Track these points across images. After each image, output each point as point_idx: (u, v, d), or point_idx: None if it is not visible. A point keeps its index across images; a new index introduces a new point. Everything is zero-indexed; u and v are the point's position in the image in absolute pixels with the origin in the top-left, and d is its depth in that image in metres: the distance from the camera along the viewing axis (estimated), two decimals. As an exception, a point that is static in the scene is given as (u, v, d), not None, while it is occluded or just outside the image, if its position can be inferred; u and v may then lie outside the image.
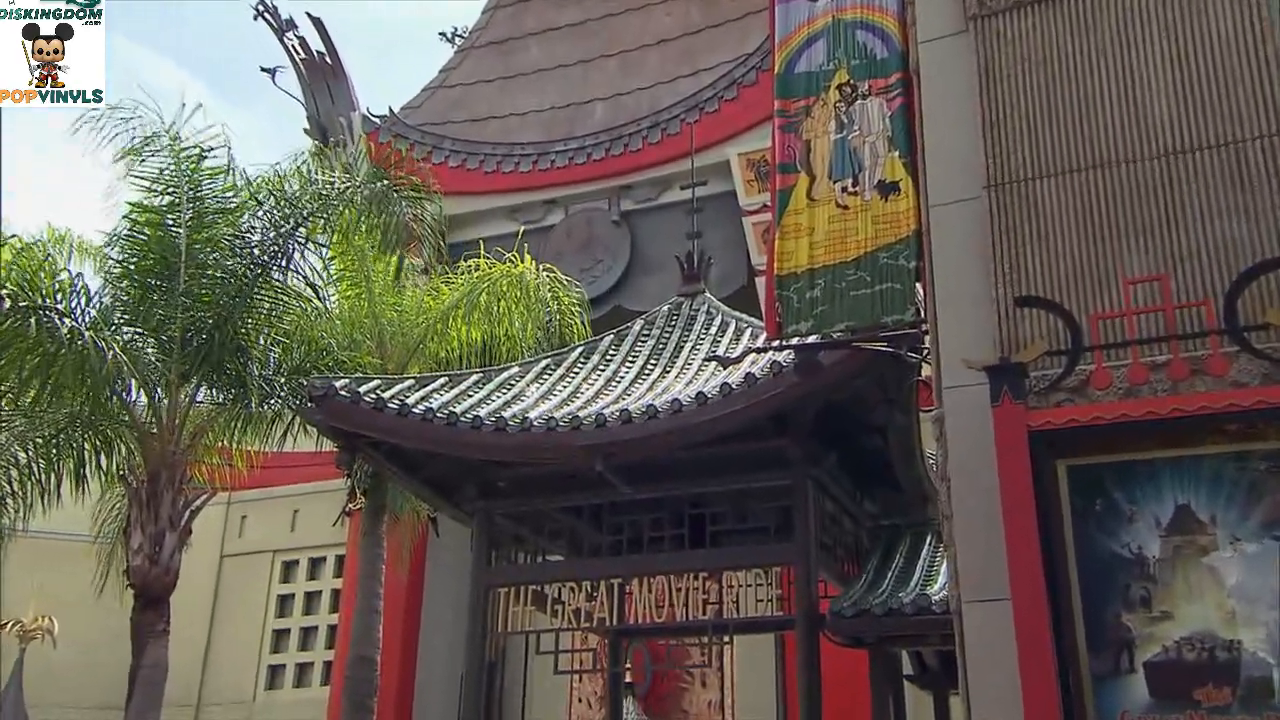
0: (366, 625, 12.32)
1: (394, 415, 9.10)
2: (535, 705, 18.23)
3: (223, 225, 11.81)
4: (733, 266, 16.91)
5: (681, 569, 9.22)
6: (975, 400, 4.26)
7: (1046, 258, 4.47)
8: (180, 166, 11.58)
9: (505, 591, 9.54)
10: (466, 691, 9.80)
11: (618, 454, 8.71)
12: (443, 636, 17.88)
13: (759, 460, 9.11)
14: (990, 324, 4.50)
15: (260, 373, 12.01)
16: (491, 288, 12.85)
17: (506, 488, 10.02)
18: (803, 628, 8.70)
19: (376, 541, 12.75)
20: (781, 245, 5.73)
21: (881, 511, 10.58)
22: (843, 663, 10.16)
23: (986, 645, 4.13)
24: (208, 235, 11.61)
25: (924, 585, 8.77)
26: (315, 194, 11.82)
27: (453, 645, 17.07)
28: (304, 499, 20.44)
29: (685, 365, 10.10)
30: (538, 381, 10.22)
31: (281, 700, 19.63)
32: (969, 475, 4.36)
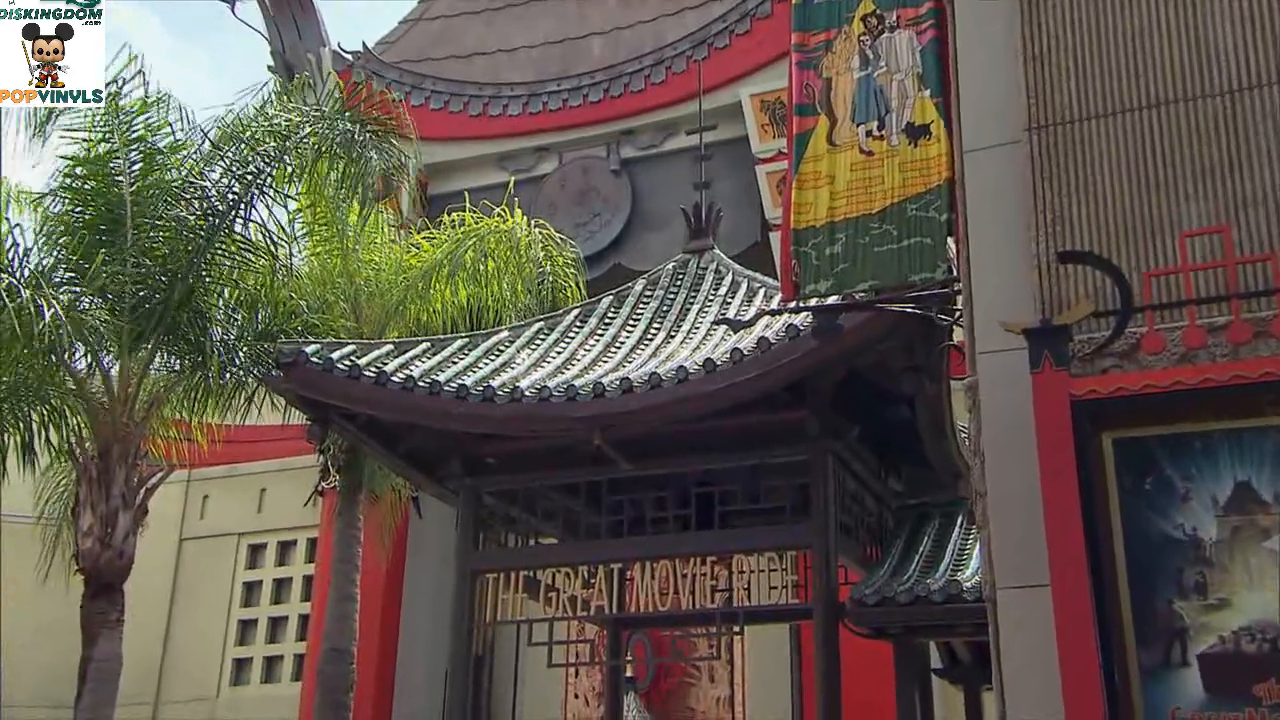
0: (341, 615, 12.40)
1: (370, 384, 9.11)
2: (527, 702, 18.38)
3: (174, 171, 11.75)
4: (744, 220, 16.85)
5: (687, 553, 9.26)
6: (1013, 367, 4.24)
7: (1093, 208, 4.44)
8: (115, 109, 11.43)
9: (494, 577, 9.59)
10: (451, 687, 9.87)
11: (617, 426, 8.73)
12: (426, 627, 18.00)
13: (773, 434, 9.12)
14: (1030, 282, 4.48)
15: (221, 337, 12.01)
16: (479, 245, 12.81)
17: (495, 464, 10.05)
18: (821, 617, 8.75)
19: (352, 523, 12.80)
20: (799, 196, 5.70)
21: (908, 490, 10.61)
22: (864, 655, 10.23)
23: (1023, 636, 4.15)
24: (157, 182, 11.53)
25: (954, 570, 8.81)
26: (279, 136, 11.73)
27: (436, 637, 17.18)
28: (272, 477, 20.51)
29: (692, 329, 10.09)
30: (529, 347, 10.22)
31: (248, 697, 19.79)
32: (1005, 450, 4.35)
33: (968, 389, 4.65)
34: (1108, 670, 3.69)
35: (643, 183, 18.05)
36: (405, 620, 18.33)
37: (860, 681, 10.94)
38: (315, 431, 9.78)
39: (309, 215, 13.39)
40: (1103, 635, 3.72)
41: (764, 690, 16.74)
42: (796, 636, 15.72)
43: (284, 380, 9.52)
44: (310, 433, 9.86)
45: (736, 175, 16.84)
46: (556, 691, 18.16)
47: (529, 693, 18.36)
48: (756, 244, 16.56)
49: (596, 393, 8.61)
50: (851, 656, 9.12)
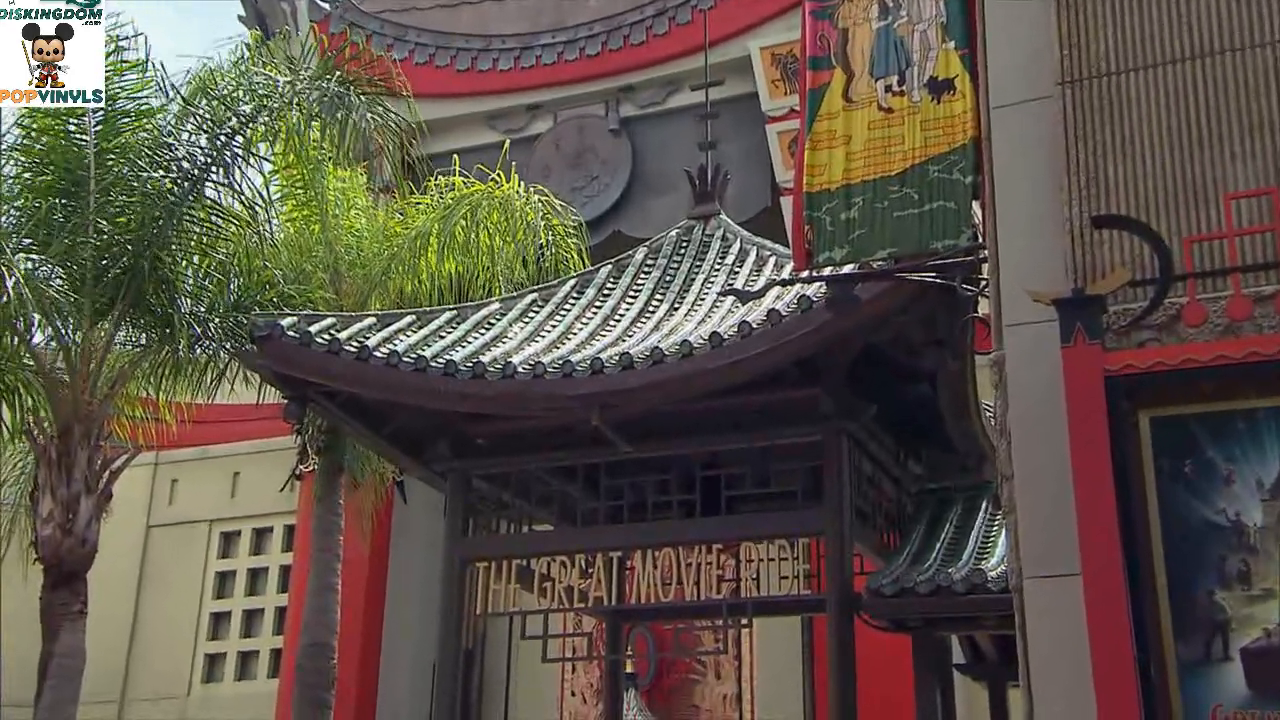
0: (321, 607, 12.44)
1: (352, 359, 9.11)
2: (520, 699, 18.48)
3: (141, 131, 11.70)
4: (754, 184, 16.81)
5: (692, 540, 9.29)
6: (1042, 340, 4.24)
7: (1131, 169, 4.42)
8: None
9: (485, 566, 9.63)
10: (439, 683, 9.92)
11: (617, 405, 8.74)
12: (412, 620, 18.07)
13: (784, 413, 9.13)
14: (1061, 249, 4.47)
15: (191, 309, 11.99)
16: (471, 213, 12.79)
17: (486, 445, 10.06)
18: (834, 609, 8.78)
19: (332, 509, 12.83)
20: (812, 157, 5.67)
21: (929, 473, 10.63)
22: (881, 650, 10.27)
23: (1052, 628, 4.16)
24: (122, 143, 11.49)
25: (978, 558, 8.84)
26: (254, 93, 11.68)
27: (423, 630, 17.25)
28: (246, 460, 20.54)
29: (697, 301, 10.08)
30: (522, 320, 10.21)
31: (221, 695, 19.89)
32: (1033, 429, 4.36)
33: (993, 364, 4.65)
34: (1143, 665, 3.70)
35: (644, 143, 17.99)
36: (390, 612, 18.39)
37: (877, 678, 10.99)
38: (292, 411, 9.78)
39: (286, 178, 13.36)
40: (1137, 628, 3.73)
41: (773, 687, 16.82)
42: (808, 630, 15.79)
43: (258, 355, 9.52)
44: (287, 412, 9.86)
45: (745, 135, 16.78)
46: (552, 688, 18.24)
47: (522, 690, 18.47)
48: (766, 209, 16.52)
49: (594, 369, 8.61)
50: (867, 651, 9.16)
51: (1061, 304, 3.99)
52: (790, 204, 6.09)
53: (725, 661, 17.28)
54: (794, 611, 12.72)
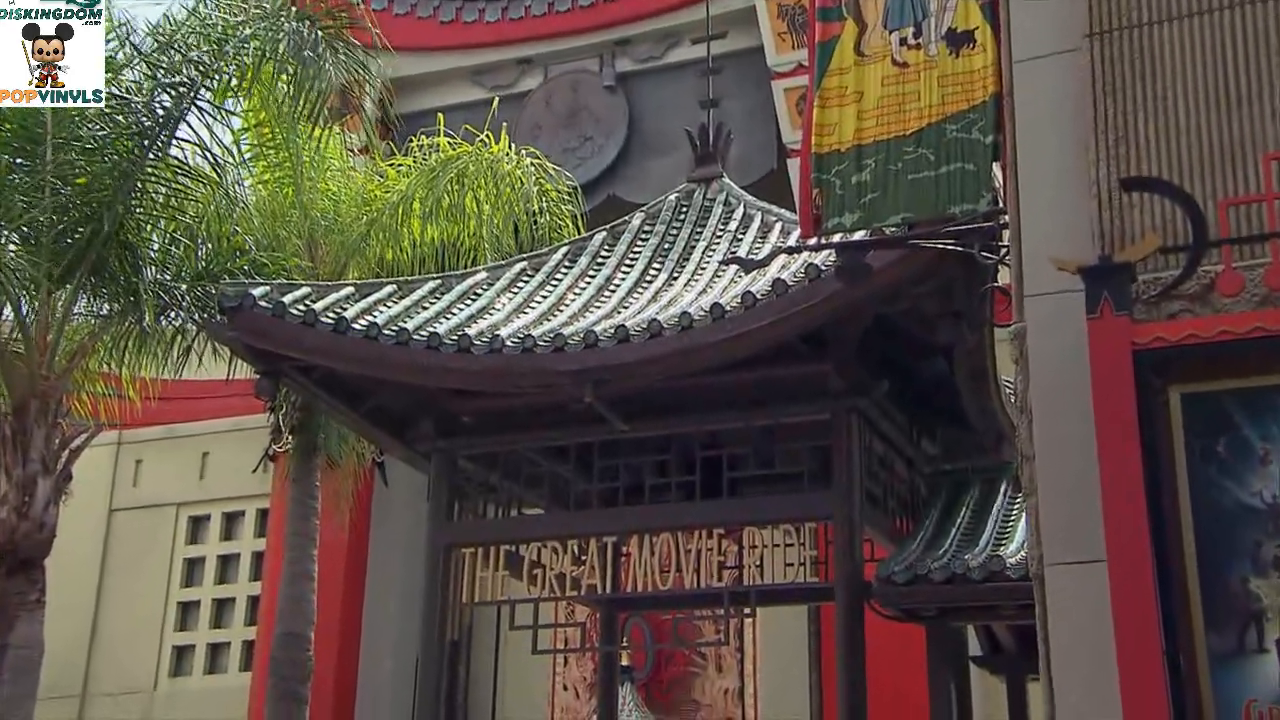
0: (296, 596, 12.48)
1: (328, 331, 9.10)
2: (509, 693, 18.57)
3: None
4: (759, 144, 16.77)
5: (692, 525, 9.32)
6: (1066, 311, 4.24)
7: (1163, 127, 4.41)
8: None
9: (471, 553, 9.65)
10: (422, 677, 9.96)
11: (612, 381, 8.74)
12: (393, 609, 18.13)
13: (790, 389, 9.14)
14: (1088, 214, 4.46)
15: (155, 277, 11.95)
16: (457, 176, 12.76)
17: (472, 424, 10.08)
18: (843, 598, 8.82)
19: (308, 492, 12.86)
20: (822, 115, 5.67)
21: (944, 453, 10.65)
22: (893, 641, 10.31)
23: (1075, 618, 4.18)
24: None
25: (996, 544, 8.87)
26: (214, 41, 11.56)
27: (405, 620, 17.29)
28: (215, 439, 20.54)
29: (697, 270, 10.08)
30: (511, 290, 10.21)
31: (190, 689, 19.94)
32: (1056, 406, 4.36)
33: (1014, 337, 4.65)
34: (1172, 657, 3.72)
35: (641, 101, 17.93)
36: (370, 602, 18.45)
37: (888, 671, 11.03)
38: (265, 386, 9.77)
39: (256, 136, 13.30)
40: (1166, 618, 3.74)
41: (778, 681, 16.90)
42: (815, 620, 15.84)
43: (228, 327, 9.50)
44: (259, 388, 9.85)
45: (749, 92, 16.73)
46: (542, 682, 18.32)
47: (511, 683, 18.54)
48: (772, 172, 16.49)
49: (588, 342, 8.61)
50: (878, 643, 9.20)
51: (1087, 272, 4.00)
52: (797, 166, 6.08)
53: (727, 654, 17.35)
54: (800, 601, 12.75)
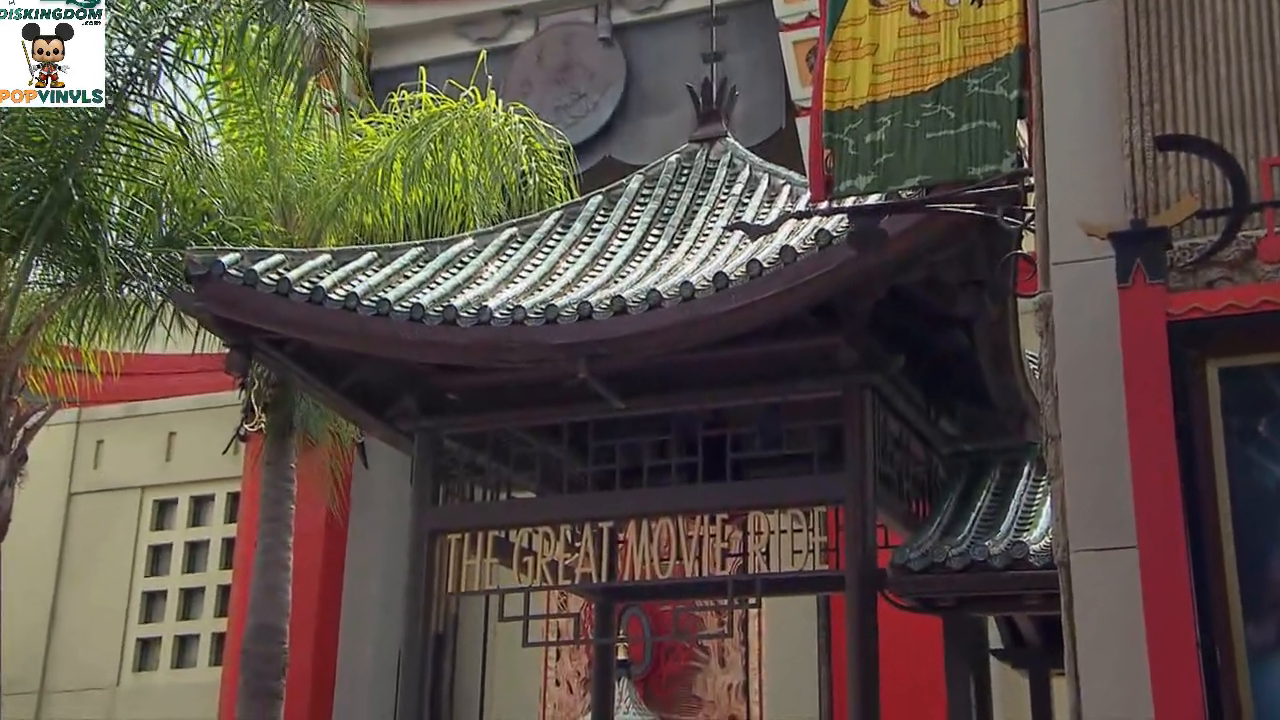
0: (270, 585, 12.50)
1: (303, 302, 9.09)
2: (498, 689, 18.64)
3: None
4: (766, 101, 16.73)
5: (693, 509, 9.33)
6: (1096, 280, 4.24)
7: (1201, 81, 4.40)
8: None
9: (457, 539, 9.67)
10: (405, 672, 10.00)
11: (608, 356, 8.75)
12: (374, 599, 18.18)
13: (799, 364, 9.14)
14: (1119, 175, 4.46)
15: (117, 243, 11.94)
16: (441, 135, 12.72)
17: (458, 401, 10.08)
18: (855, 587, 8.84)
19: (283, 474, 12.86)
20: (834, 70, 5.66)
21: (963, 433, 10.66)
22: (908, 634, 10.34)
23: (1103, 608, 4.19)
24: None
25: (1019, 530, 8.88)
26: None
27: (387, 611, 17.34)
28: (182, 418, 20.55)
29: (700, 237, 10.06)
30: (500, 258, 10.19)
31: (156, 685, 20.02)
32: (1084, 382, 4.37)
33: (1039, 308, 4.66)
34: (1207, 650, 3.74)
35: (639, 55, 17.87)
36: (349, 591, 18.49)
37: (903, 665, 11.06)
38: (235, 361, 9.77)
39: (225, 93, 13.25)
40: (1201, 608, 3.76)
41: (785, 676, 16.96)
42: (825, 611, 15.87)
43: (195, 297, 9.48)
44: (229, 363, 9.85)
45: (756, 45, 16.68)
46: (534, 677, 18.39)
47: (500, 678, 18.61)
48: (780, 131, 16.44)
49: (582, 314, 8.60)
50: (892, 635, 9.23)
51: (1119, 238, 3.99)
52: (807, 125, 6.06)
53: (730, 647, 17.41)
54: (809, 591, 12.76)
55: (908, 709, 12.17)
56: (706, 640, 17.03)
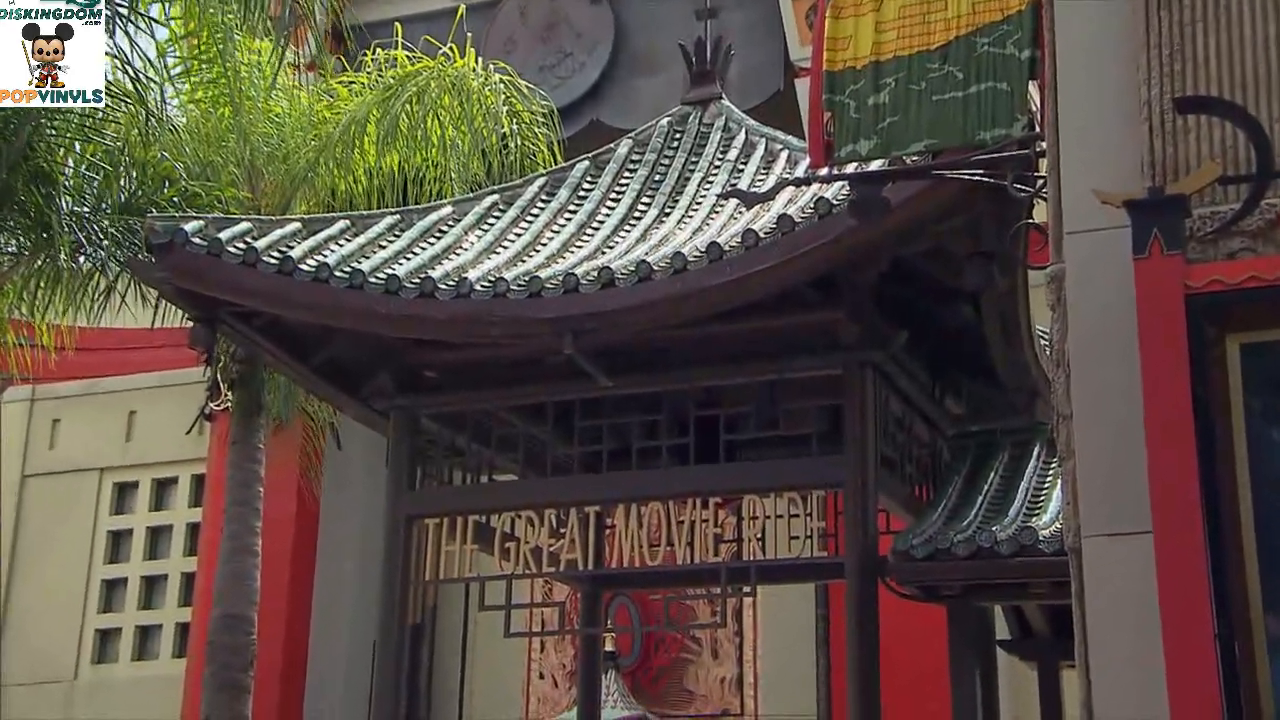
0: (237, 573, 12.50)
1: (272, 273, 9.08)
2: (478, 682, 18.69)
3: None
4: (763, 62, 16.70)
5: (685, 493, 9.35)
6: (1110, 251, 4.24)
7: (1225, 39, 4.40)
8: None
9: (436, 524, 9.68)
10: (380, 664, 10.01)
11: (595, 331, 8.74)
12: (348, 588, 18.20)
13: (797, 340, 9.15)
14: (1137, 140, 4.46)
15: (72, 209, 11.89)
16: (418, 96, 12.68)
17: (436, 378, 10.08)
18: (854, 574, 8.87)
19: (251, 456, 12.85)
20: (835, 28, 5.64)
21: (970, 413, 10.69)
22: (910, 624, 10.38)
23: (1116, 596, 4.21)
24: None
25: (1028, 514, 8.92)
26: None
27: (362, 600, 17.36)
28: (144, 395, 20.51)
29: (693, 205, 10.06)
30: (480, 227, 10.18)
31: (116, 678, 20.02)
32: (1097, 359, 4.37)
33: (1051, 281, 4.66)
34: (1225, 641, 3.75)
35: (629, 13, 17.82)
36: (321, 579, 18.51)
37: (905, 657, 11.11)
38: (200, 335, 9.75)
39: (186, 49, 13.18)
40: (1218, 596, 3.77)
41: (781, 667, 17.04)
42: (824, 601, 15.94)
43: (156, 267, 9.46)
44: (193, 337, 9.83)
45: (753, 2, 16.64)
46: (516, 670, 18.44)
47: (481, 671, 18.65)
48: (778, 93, 16.43)
49: (568, 287, 8.60)
50: (894, 625, 9.26)
51: (1135, 206, 3.99)
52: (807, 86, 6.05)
53: (724, 638, 17.48)
54: (806, 578, 12.83)
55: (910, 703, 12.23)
56: (699, 631, 17.10)
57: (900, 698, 10.11)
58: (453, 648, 18.60)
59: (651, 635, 17.41)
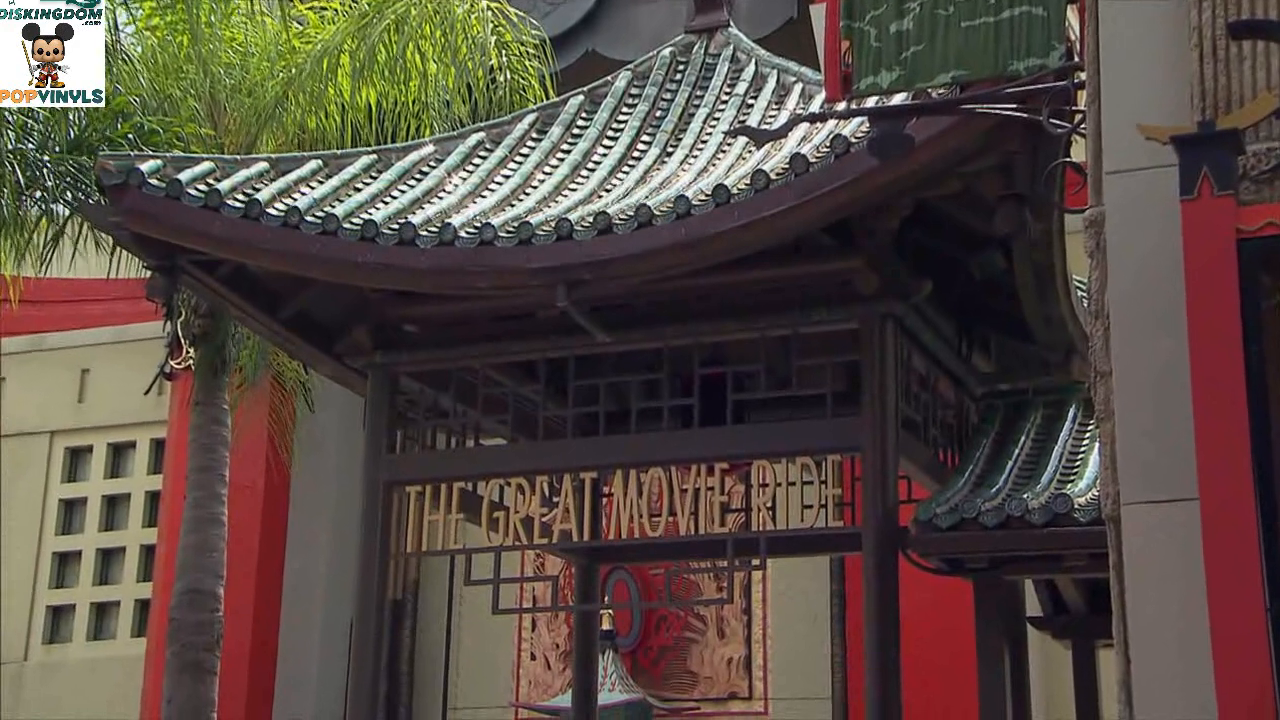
0: (202, 545, 12.54)
1: (237, 218, 9.06)
2: (465, 662, 18.78)
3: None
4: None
5: (688, 458, 9.36)
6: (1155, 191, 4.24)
7: (1282, -40, 4.38)
8: None
9: (418, 492, 9.69)
10: (358, 644, 10.05)
11: (590, 282, 8.73)
12: (321, 560, 18.26)
13: (811, 292, 9.15)
14: (1185, 69, 4.44)
15: (16, 148, 11.85)
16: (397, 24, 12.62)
17: (418, 334, 10.08)
18: (873, 546, 8.90)
19: (215, 418, 12.87)
20: (854, -54, 5.61)
21: (1000, 371, 10.70)
22: (934, 599, 10.43)
23: (1158, 569, 4.22)
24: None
25: (1062, 481, 8.93)
26: None
27: (337, 574, 17.43)
28: (98, 352, 20.52)
29: (698, 144, 10.03)
30: (465, 169, 10.16)
31: (70, 659, 20.11)
32: (1140, 311, 4.37)
33: (1089, 225, 4.65)
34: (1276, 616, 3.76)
35: (627, -70, 17.73)
36: (293, 551, 18.56)
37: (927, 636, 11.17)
38: (158, 286, 9.74)
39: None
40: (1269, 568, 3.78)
41: (793, 647, 17.12)
42: (839, 575, 16.01)
43: (110, 210, 9.43)
44: (151, 288, 9.82)
45: (762, -81, 16.55)
46: (505, 650, 18.53)
47: (467, 651, 18.75)
48: (791, 21, 16.36)
49: (561, 234, 8.58)
50: (916, 601, 9.30)
51: (1183, 143, 3.98)
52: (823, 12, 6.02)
53: (731, 616, 17.55)
54: (821, 551, 12.88)
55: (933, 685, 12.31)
56: (703, 608, 17.18)
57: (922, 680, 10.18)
58: (437, 626, 18.68)
59: (652, 613, 17.48)
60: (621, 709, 16.31)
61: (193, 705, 12.21)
